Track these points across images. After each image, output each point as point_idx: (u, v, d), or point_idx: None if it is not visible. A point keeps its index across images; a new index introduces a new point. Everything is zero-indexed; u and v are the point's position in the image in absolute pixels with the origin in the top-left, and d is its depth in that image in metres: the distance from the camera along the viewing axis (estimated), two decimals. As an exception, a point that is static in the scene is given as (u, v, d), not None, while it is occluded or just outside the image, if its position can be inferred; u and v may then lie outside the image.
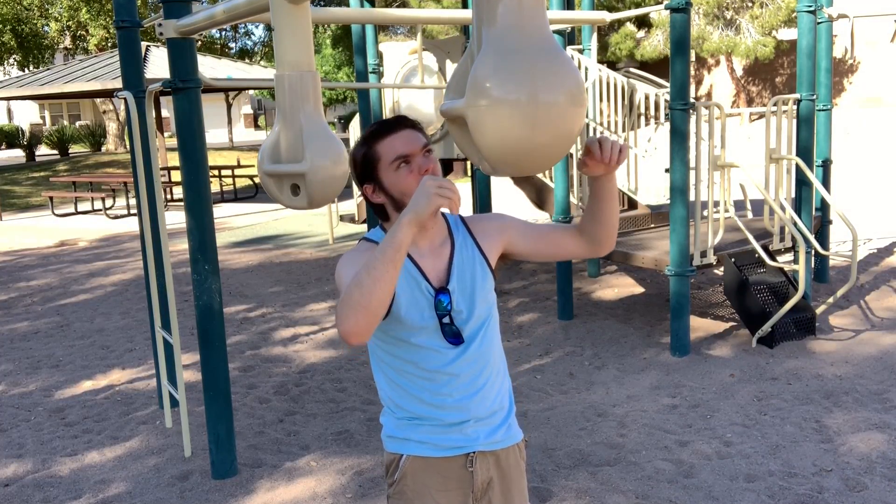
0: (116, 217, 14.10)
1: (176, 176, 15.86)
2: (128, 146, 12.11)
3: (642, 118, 7.30)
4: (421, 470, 1.91)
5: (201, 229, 3.70)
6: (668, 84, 5.76)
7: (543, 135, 1.45)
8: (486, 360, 1.91)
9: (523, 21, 1.46)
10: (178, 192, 15.61)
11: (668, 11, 5.04)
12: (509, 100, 1.42)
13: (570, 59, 1.50)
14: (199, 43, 29.49)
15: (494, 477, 1.95)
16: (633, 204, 7.49)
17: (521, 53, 1.45)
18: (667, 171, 5.33)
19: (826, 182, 6.85)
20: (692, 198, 5.32)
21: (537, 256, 1.98)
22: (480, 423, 1.91)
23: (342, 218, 10.43)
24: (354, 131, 9.07)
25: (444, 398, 1.87)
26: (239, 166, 16.34)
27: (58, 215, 14.84)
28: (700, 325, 5.92)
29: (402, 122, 1.84)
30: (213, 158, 21.55)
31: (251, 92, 43.17)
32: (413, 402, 1.89)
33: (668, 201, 5.28)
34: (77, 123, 36.39)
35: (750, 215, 6.75)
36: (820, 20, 6.43)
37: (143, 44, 15.40)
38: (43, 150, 30.59)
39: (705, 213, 5.90)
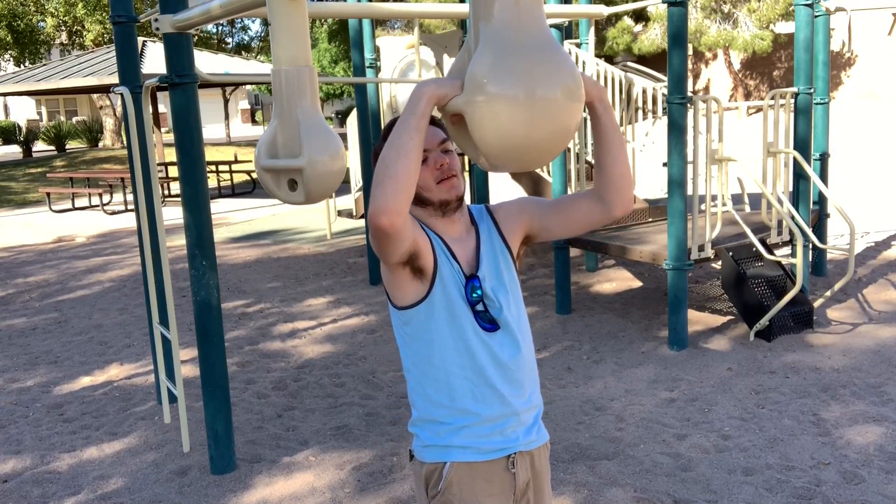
0: (113, 213, 14.09)
1: (173, 171, 15.83)
2: (125, 142, 12.11)
3: (640, 112, 7.29)
4: (466, 476, 1.86)
5: (199, 225, 3.70)
6: (665, 78, 5.75)
7: (541, 130, 1.45)
8: (518, 348, 1.87)
9: (520, 16, 1.46)
10: (176, 187, 15.60)
11: (665, 5, 5.03)
12: (506, 95, 1.42)
13: (567, 54, 1.50)
14: (196, 38, 29.42)
15: (531, 477, 1.93)
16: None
17: (518, 49, 1.44)
18: (664, 165, 5.33)
19: (824, 176, 6.86)
20: (690, 192, 5.33)
21: (559, 229, 1.93)
22: (519, 423, 1.88)
23: (340, 213, 10.40)
24: (352, 126, 9.05)
25: (486, 390, 1.83)
26: (236, 162, 16.32)
27: (55, 211, 14.82)
28: (698, 319, 5.93)
29: None
30: (211, 154, 21.53)
31: (248, 87, 43.09)
32: (457, 397, 1.84)
33: (666, 195, 5.28)
34: (74, 119, 36.31)
35: (748, 209, 6.76)
36: (817, 13, 6.43)
37: (140, 39, 15.37)
38: (39, 146, 30.48)
39: (703, 207, 5.90)
